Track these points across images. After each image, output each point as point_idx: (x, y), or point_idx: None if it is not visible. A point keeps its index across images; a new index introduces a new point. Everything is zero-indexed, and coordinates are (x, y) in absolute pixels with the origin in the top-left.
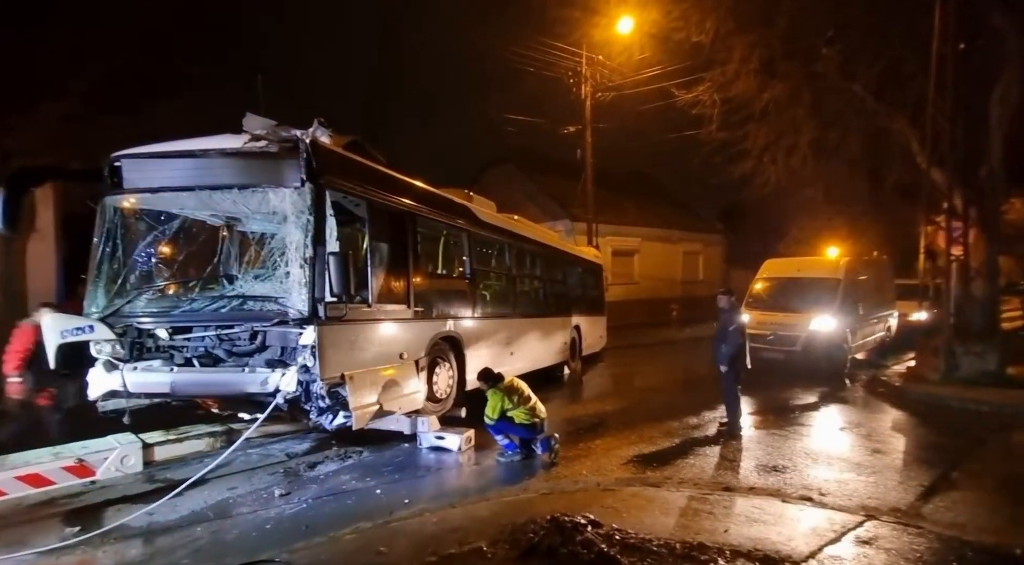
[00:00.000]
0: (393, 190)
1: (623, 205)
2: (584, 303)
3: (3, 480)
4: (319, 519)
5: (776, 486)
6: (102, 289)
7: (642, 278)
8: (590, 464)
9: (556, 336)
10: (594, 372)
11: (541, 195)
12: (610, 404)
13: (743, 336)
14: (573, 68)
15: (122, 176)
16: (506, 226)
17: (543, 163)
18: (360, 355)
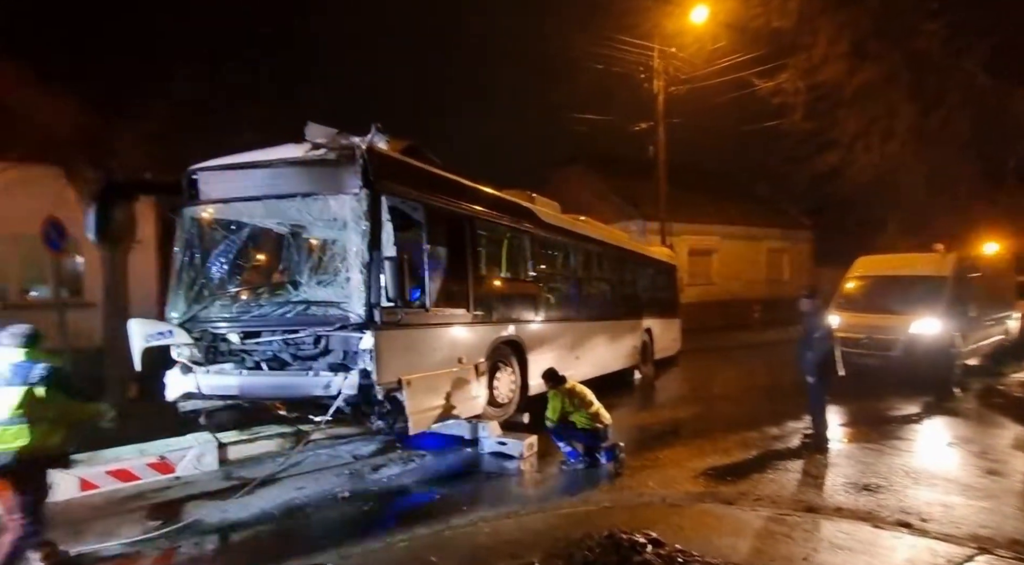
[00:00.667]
0: (450, 193)
1: (700, 203)
2: (656, 305)
3: (95, 474)
4: (377, 523)
5: (868, 508)
6: (181, 295)
7: (721, 278)
8: (657, 476)
9: (625, 340)
10: (667, 377)
11: (612, 195)
12: (683, 411)
13: (831, 341)
14: (645, 63)
15: (197, 188)
16: (570, 227)
17: (614, 162)
18: (417, 359)
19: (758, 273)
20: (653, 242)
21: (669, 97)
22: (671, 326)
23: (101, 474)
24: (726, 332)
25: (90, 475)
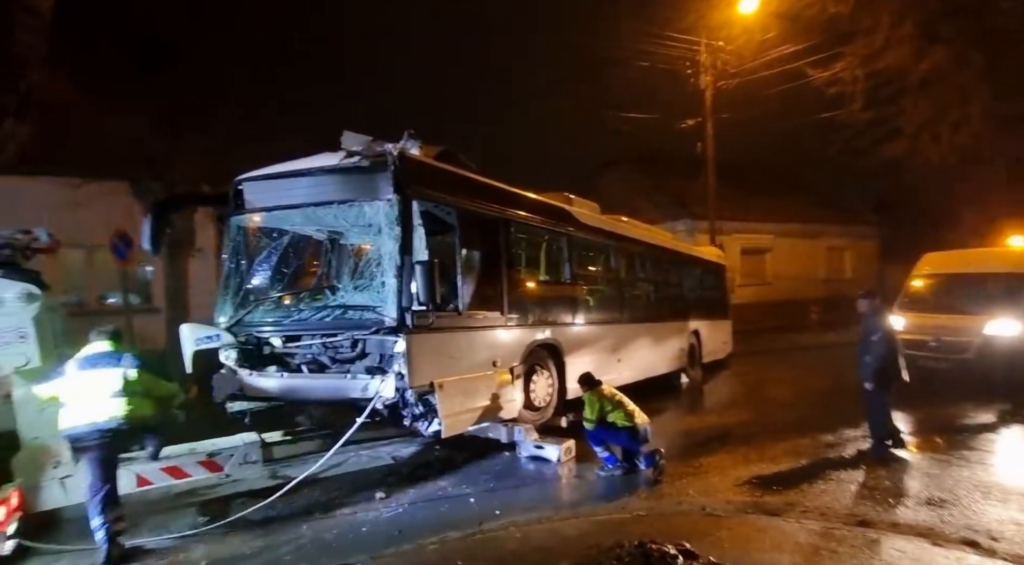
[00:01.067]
0: (483, 197)
1: (752, 200)
2: (704, 306)
3: (150, 471)
4: (411, 525)
5: (929, 524)
6: (228, 301)
7: (776, 278)
8: (698, 484)
9: (671, 342)
10: (716, 381)
11: (659, 194)
12: (731, 416)
13: (891, 345)
14: (691, 58)
15: (243, 197)
16: (610, 228)
17: (660, 161)
18: (450, 363)
19: (816, 272)
20: (702, 242)
21: (717, 92)
22: (721, 328)
23: (155, 471)
24: (781, 334)
25: (145, 471)
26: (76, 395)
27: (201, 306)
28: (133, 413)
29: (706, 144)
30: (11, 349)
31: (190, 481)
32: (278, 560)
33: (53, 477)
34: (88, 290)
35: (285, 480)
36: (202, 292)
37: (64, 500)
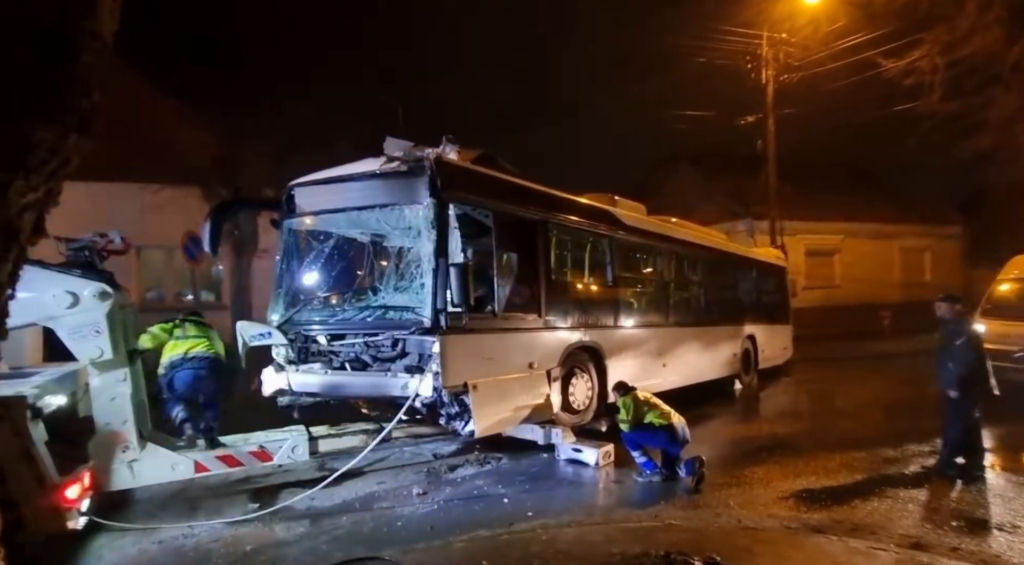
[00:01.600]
0: (521, 200)
1: (820, 199)
2: (761, 310)
3: (207, 459)
4: (444, 521)
5: (996, 552)
6: (281, 300)
7: (846, 281)
8: (740, 495)
9: (722, 347)
10: (774, 388)
11: (718, 194)
12: (784, 426)
13: (978, 350)
14: (751, 51)
15: (294, 202)
16: (656, 229)
17: (719, 159)
18: (485, 364)
19: (891, 274)
20: (764, 243)
21: (779, 86)
22: (779, 333)
23: (212, 459)
24: (849, 340)
25: (203, 459)
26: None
27: (264, 304)
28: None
29: (767, 141)
30: (87, 342)
31: (243, 470)
32: (315, 549)
33: (122, 460)
34: (167, 288)
35: (331, 472)
36: (265, 291)
37: (132, 482)
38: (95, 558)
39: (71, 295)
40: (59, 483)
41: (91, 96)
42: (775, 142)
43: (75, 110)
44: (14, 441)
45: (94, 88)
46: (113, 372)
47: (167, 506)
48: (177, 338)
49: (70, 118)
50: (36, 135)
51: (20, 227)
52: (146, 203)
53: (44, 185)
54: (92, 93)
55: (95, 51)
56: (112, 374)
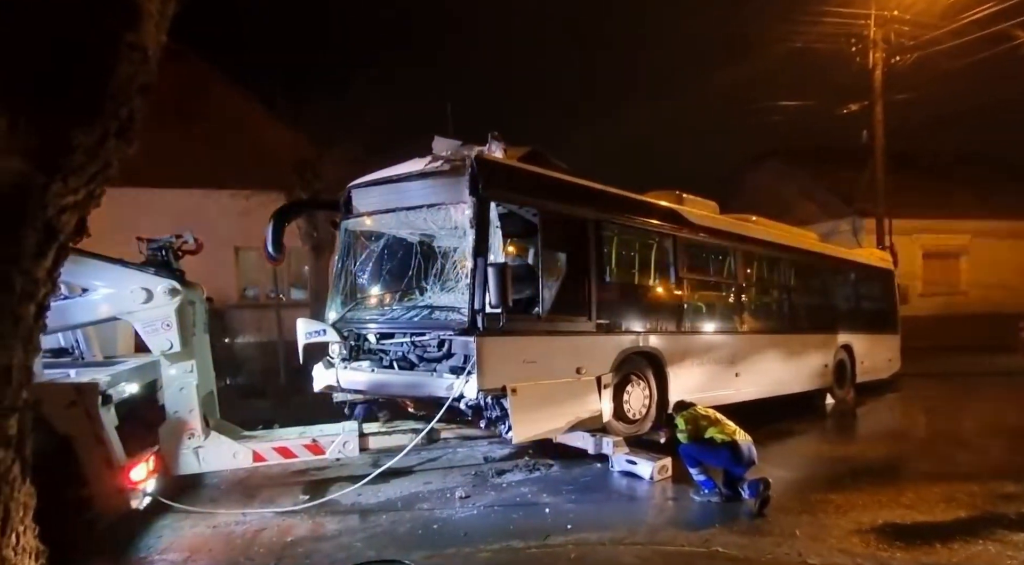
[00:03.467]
0: (571, 198)
1: (941, 193)
2: (860, 318)
3: (264, 449)
4: (480, 528)
5: None
6: (338, 298)
7: (973, 286)
8: (810, 523)
9: (810, 357)
10: (874, 404)
11: (818, 190)
12: (878, 448)
13: None
14: (856, 33)
15: (351, 203)
16: (729, 228)
17: (819, 153)
18: (527, 367)
19: None
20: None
21: (889, 69)
22: (884, 343)
23: (268, 449)
24: (976, 354)
25: (260, 449)
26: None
27: None
28: None
29: (874, 130)
30: (159, 336)
31: (306, 460)
32: (349, 545)
33: (188, 446)
34: (260, 286)
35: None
36: None
37: (197, 467)
38: (156, 537)
39: (146, 291)
40: (125, 465)
41: (130, 104)
42: (884, 132)
43: (114, 117)
44: (86, 424)
45: (134, 96)
46: (181, 364)
47: (229, 492)
48: None
49: (109, 124)
50: (74, 140)
51: (60, 227)
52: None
53: (84, 188)
54: (132, 101)
55: (135, 62)
56: (180, 365)
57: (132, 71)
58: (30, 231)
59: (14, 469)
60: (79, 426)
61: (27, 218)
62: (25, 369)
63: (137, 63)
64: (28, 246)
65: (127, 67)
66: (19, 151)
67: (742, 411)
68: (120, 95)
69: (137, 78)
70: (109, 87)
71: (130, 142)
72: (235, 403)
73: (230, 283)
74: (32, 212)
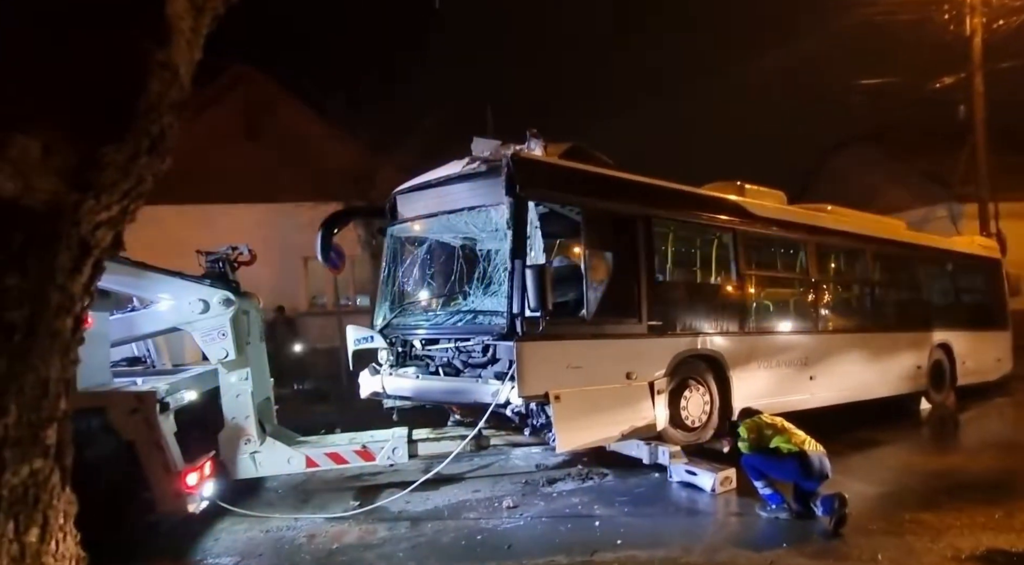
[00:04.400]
0: (617, 194)
1: None
2: (960, 313)
3: (316, 454)
4: (525, 541)
5: None
6: (386, 304)
7: None
8: (894, 546)
9: (900, 358)
10: (979, 410)
11: (910, 174)
12: (982, 461)
13: None
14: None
15: (396, 209)
16: (798, 219)
17: (909, 134)
18: (571, 373)
19: None
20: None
21: (990, 36)
22: (990, 341)
23: (320, 455)
24: None
25: (313, 454)
26: None
27: None
28: None
29: (973, 105)
30: (215, 345)
31: (364, 466)
32: (391, 555)
33: (245, 452)
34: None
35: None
36: None
37: (255, 472)
38: (213, 540)
39: (203, 302)
40: (183, 470)
41: (161, 121)
42: (985, 106)
43: (146, 134)
44: (146, 431)
45: (165, 113)
46: (237, 371)
47: (286, 497)
48: None
49: (141, 142)
50: (106, 157)
51: (94, 243)
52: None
53: (117, 204)
54: (163, 118)
55: (165, 80)
56: (236, 373)
57: (163, 89)
58: (64, 248)
59: (53, 478)
60: (140, 432)
61: (61, 236)
62: (63, 381)
63: (168, 81)
64: (63, 262)
65: (158, 85)
66: (53, 171)
67: (820, 418)
68: (151, 113)
69: (168, 96)
70: (139, 105)
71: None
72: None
73: (300, 292)
74: (65, 230)
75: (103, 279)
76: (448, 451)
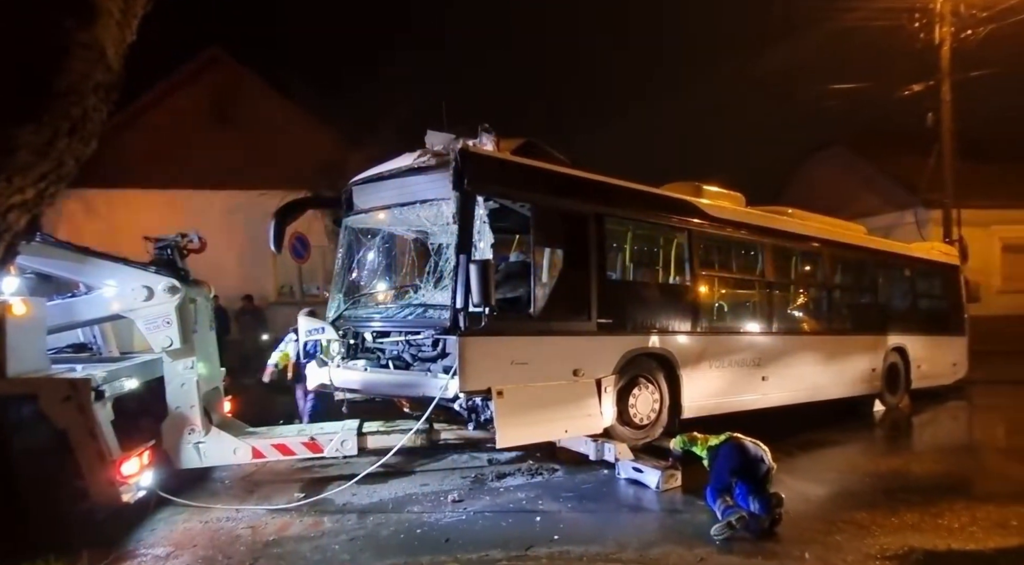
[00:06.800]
0: (569, 191)
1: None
2: (917, 318)
3: (263, 445)
4: (464, 535)
5: None
6: (339, 296)
7: None
8: (824, 545)
9: (854, 360)
10: (933, 413)
11: (881, 179)
12: (926, 462)
13: None
14: (921, 6)
15: (351, 200)
16: (754, 222)
17: (882, 140)
18: (515, 369)
19: None
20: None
21: (959, 45)
22: (946, 346)
23: (267, 446)
24: None
25: (260, 445)
26: None
27: None
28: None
29: (941, 113)
30: (160, 333)
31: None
32: (326, 548)
33: (189, 442)
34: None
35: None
36: None
37: (199, 462)
38: (149, 530)
39: (147, 289)
40: (117, 459)
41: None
42: (953, 114)
43: (65, 116)
44: (79, 419)
45: (89, 95)
46: (182, 360)
47: (232, 487)
48: None
49: (59, 124)
50: (19, 139)
51: (5, 226)
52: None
53: (32, 187)
54: (86, 99)
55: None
56: (182, 362)
57: (86, 70)
58: None
59: None
60: (73, 420)
61: None
62: None
63: (92, 62)
64: None
65: (80, 66)
66: None
67: (772, 419)
68: (72, 94)
69: (93, 77)
70: (58, 86)
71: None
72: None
73: (269, 281)
74: None
75: (44, 264)
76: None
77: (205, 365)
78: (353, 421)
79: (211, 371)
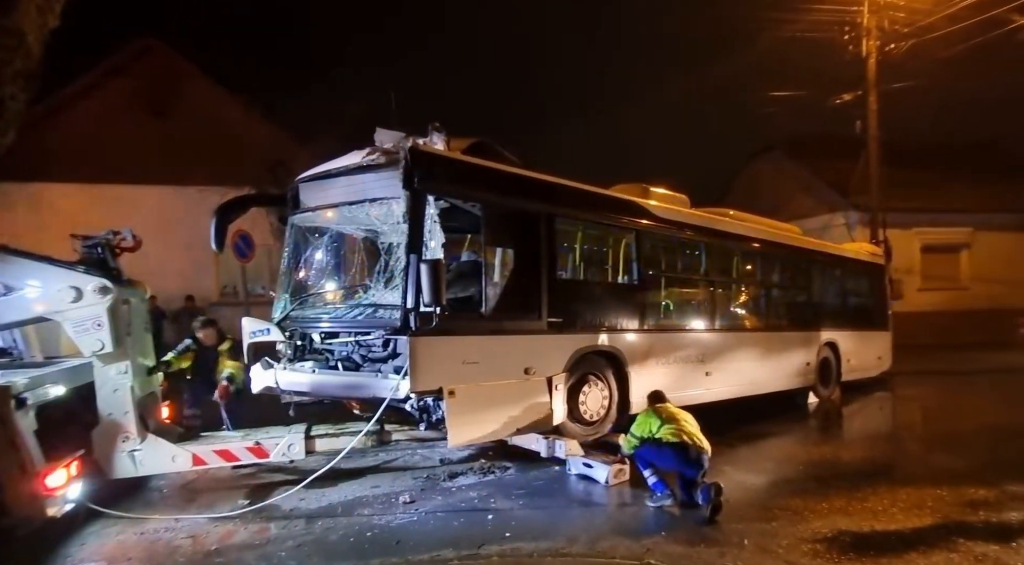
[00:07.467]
0: (519, 191)
1: (942, 186)
2: (847, 314)
3: (204, 452)
4: (415, 536)
5: None
6: (285, 296)
7: (974, 281)
8: (760, 532)
9: (790, 355)
10: (861, 404)
11: (817, 183)
12: (854, 450)
13: None
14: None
15: (296, 198)
16: (697, 222)
17: (817, 146)
18: (468, 368)
19: None
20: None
21: (885, 58)
22: (872, 341)
23: (209, 452)
24: (975, 351)
25: (201, 452)
26: None
27: None
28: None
29: (867, 121)
30: (89, 336)
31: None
32: (272, 555)
33: (123, 450)
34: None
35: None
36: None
37: (134, 471)
38: (79, 544)
39: (75, 290)
40: (41, 470)
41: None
42: (879, 122)
43: None
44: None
45: (6, 82)
46: (115, 364)
47: (170, 497)
48: None
49: None
50: None
51: None
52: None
53: None
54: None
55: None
56: (114, 366)
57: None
58: None
59: None
60: None
61: None
62: None
63: (11, 48)
64: None
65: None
66: None
67: (715, 412)
68: None
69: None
70: None
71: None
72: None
73: (210, 282)
74: None
75: None
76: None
77: (141, 370)
78: (301, 425)
79: (148, 376)
